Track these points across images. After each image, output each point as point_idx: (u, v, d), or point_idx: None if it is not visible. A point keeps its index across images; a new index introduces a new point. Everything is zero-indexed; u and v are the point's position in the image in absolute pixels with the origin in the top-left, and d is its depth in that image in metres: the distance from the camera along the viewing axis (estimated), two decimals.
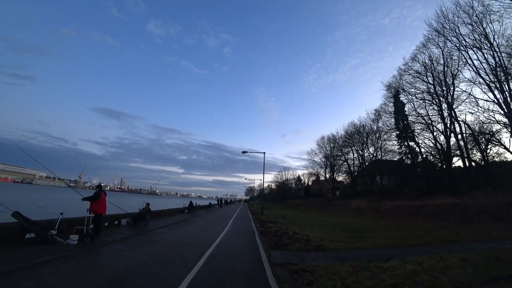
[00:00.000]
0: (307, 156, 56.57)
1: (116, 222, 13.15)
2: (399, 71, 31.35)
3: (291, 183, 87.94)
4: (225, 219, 20.28)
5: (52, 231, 8.11)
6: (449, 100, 26.13)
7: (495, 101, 22.81)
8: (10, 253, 6.19)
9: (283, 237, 10.30)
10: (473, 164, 26.99)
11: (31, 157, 9.96)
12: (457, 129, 26.41)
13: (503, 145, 24.37)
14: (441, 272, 5.15)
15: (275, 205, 65.31)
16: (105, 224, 11.82)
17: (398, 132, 32.75)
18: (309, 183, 78.47)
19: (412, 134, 31.05)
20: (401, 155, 33.17)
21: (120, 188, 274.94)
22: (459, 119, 26.30)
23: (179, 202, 30.95)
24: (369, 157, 40.71)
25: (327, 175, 54.47)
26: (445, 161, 27.94)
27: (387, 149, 37.09)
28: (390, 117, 34.07)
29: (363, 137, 40.23)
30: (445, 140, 27.49)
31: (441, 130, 27.92)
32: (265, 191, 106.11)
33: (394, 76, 32.81)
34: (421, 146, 31.03)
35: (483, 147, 25.81)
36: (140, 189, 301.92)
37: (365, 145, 40.55)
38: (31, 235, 7.75)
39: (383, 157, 38.11)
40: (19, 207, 10.55)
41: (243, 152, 34.32)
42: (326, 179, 57.15)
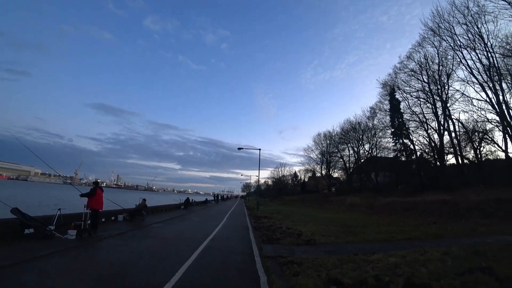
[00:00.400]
0: (304, 153, 56.88)
1: (113, 218, 13.37)
2: (395, 69, 31.70)
3: (287, 179, 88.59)
4: (220, 215, 20.58)
5: (51, 227, 8.32)
6: (443, 98, 26.51)
7: (487, 100, 23.22)
8: (10, 247, 6.40)
9: (276, 232, 10.62)
10: (466, 161, 27.47)
11: (31, 151, 10.10)
12: (451, 127, 26.85)
13: (496, 143, 24.83)
14: (422, 264, 5.46)
15: (272, 201, 65.80)
16: (102, 219, 12.03)
17: (393, 130, 33.15)
18: (306, 179, 79.14)
19: (407, 131, 31.49)
20: (396, 152, 33.60)
21: (116, 185, 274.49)
22: (453, 117, 26.73)
23: (176, 198, 31.16)
24: (364, 154, 41.20)
25: (323, 172, 54.98)
26: (438, 159, 28.40)
27: (382, 146, 37.56)
28: (385, 114, 34.47)
29: (359, 134, 40.65)
30: (438, 138, 27.92)
31: (435, 128, 28.35)
32: (262, 187, 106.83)
33: (389, 74, 33.15)
34: (415, 144, 31.53)
35: (476, 145, 26.24)
36: (137, 186, 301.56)
37: (360, 142, 40.98)
38: (30, 230, 7.94)
39: (379, 154, 38.58)
40: (17, 203, 10.70)
41: (239, 148, 34.55)
42: (322, 175, 57.65)
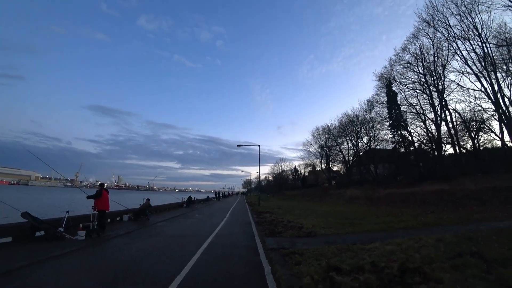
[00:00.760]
0: (303, 147, 57.16)
1: (118, 218, 13.70)
2: (390, 61, 31.88)
3: (287, 174, 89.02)
4: (223, 212, 20.94)
5: (60, 229, 8.65)
6: (439, 89, 26.77)
7: (483, 90, 23.50)
8: (25, 249, 6.72)
9: (277, 226, 10.96)
10: (463, 151, 27.85)
11: (40, 159, 10.38)
12: (448, 117, 27.14)
13: (493, 132, 25.16)
14: (416, 251, 5.79)
15: (274, 196, 66.26)
16: (108, 220, 12.35)
17: (391, 122, 33.44)
18: (306, 173, 79.53)
19: (405, 123, 31.80)
20: (394, 144, 33.94)
21: (117, 186, 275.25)
22: (449, 107, 27.03)
23: (178, 197, 31.52)
24: (363, 146, 41.53)
25: (323, 166, 55.33)
26: (436, 149, 28.76)
27: (381, 139, 37.86)
28: (383, 107, 34.72)
29: (357, 127, 40.94)
30: (435, 128, 28.23)
31: (432, 119, 28.65)
32: (263, 183, 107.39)
33: (385, 66, 33.34)
34: (413, 135, 31.85)
35: (474, 134, 26.58)
36: (138, 186, 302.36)
37: (359, 135, 41.30)
38: (40, 233, 8.27)
39: (377, 147, 38.89)
40: (24, 208, 11.01)
41: (238, 145, 34.85)
42: (322, 169, 58.03)
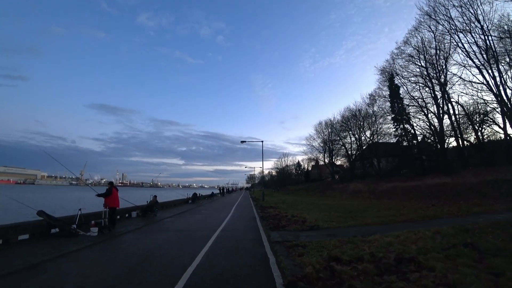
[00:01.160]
0: (306, 142, 57.21)
1: (127, 215, 14.14)
2: (392, 55, 31.88)
3: (291, 169, 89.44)
4: (228, 207, 21.36)
5: (74, 226, 9.07)
6: (442, 82, 26.76)
7: (485, 83, 23.48)
8: (43, 245, 7.12)
9: (281, 220, 11.33)
10: (466, 144, 27.90)
11: (57, 160, 10.77)
12: (451, 110, 27.18)
13: (497, 124, 25.13)
14: (413, 242, 6.10)
15: (278, 191, 66.68)
16: (118, 217, 12.78)
17: (393, 115, 33.50)
18: (309, 168, 79.83)
19: (407, 116, 31.85)
20: (397, 138, 34.03)
21: (122, 183, 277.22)
22: (452, 100, 27.05)
23: (183, 193, 32.01)
24: (366, 140, 41.65)
25: (326, 160, 55.53)
26: (439, 142, 28.84)
27: (383, 132, 37.95)
28: (385, 100, 34.74)
29: (360, 121, 41.02)
30: (438, 121, 28.29)
31: (434, 112, 28.68)
32: (266, 178, 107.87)
33: (387, 60, 33.33)
34: (415, 129, 31.94)
35: (477, 127, 26.58)
36: (142, 183, 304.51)
37: (361, 129, 41.39)
38: (55, 230, 8.70)
39: (380, 140, 38.99)
40: (38, 206, 11.45)
41: (242, 141, 35.33)
42: (325, 163, 58.24)
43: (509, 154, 22.66)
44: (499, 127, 24.73)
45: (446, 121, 28.04)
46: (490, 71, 23.08)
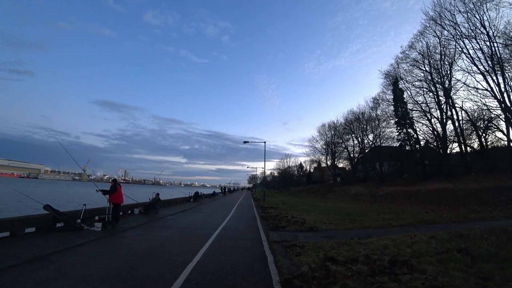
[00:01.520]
0: (309, 143, 57.43)
1: (129, 212, 14.40)
2: (397, 59, 31.94)
3: (293, 170, 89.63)
4: (229, 206, 21.57)
5: (78, 220, 9.33)
6: (446, 87, 26.75)
7: (489, 89, 23.45)
8: (49, 238, 7.36)
9: (281, 221, 11.50)
10: (469, 150, 27.83)
11: (70, 155, 11.00)
12: (454, 116, 27.14)
13: (501, 131, 25.02)
14: (408, 246, 6.24)
15: (281, 191, 66.75)
16: (120, 213, 13.04)
17: (397, 119, 33.52)
18: (311, 170, 79.95)
19: (411, 121, 31.86)
20: (400, 142, 34.04)
21: (124, 180, 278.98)
22: (456, 106, 27.01)
23: (185, 192, 32.30)
24: (368, 144, 41.69)
25: (328, 162, 55.57)
26: (441, 147, 28.82)
27: (386, 136, 37.98)
28: (389, 104, 34.83)
29: (363, 124, 41.07)
30: (441, 126, 28.26)
31: (437, 117, 28.67)
32: (268, 179, 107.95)
33: (391, 64, 33.42)
34: (418, 133, 31.93)
35: (481, 133, 26.50)
36: (144, 180, 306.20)
37: (364, 132, 41.43)
38: (60, 224, 8.96)
39: (383, 144, 39.02)
40: (43, 201, 11.74)
41: (245, 142, 35.48)
42: (327, 166, 58.28)
43: (511, 161, 22.60)
44: (503, 133, 24.66)
45: (450, 126, 28.07)
46: (494, 77, 23.04)
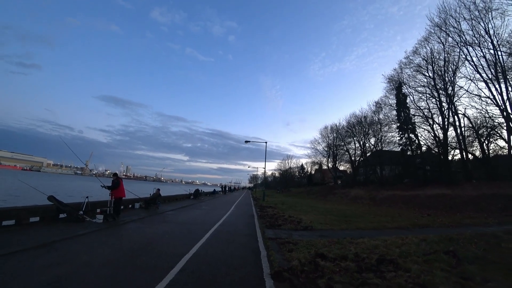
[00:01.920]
0: (311, 145, 57.33)
1: (130, 206, 14.70)
2: (400, 64, 32.02)
3: (294, 171, 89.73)
4: (228, 204, 21.82)
5: (81, 212, 9.63)
6: (449, 93, 26.80)
7: (491, 97, 23.51)
8: (52, 228, 7.65)
9: (278, 220, 11.74)
10: (471, 157, 27.84)
11: (73, 151, 11.32)
12: (457, 122, 27.16)
13: (504, 139, 25.01)
14: (398, 246, 6.45)
15: (283, 192, 66.83)
16: (121, 207, 13.34)
17: (399, 124, 33.58)
18: (312, 171, 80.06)
19: (413, 126, 31.92)
20: (401, 146, 34.10)
21: (125, 175, 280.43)
22: (459, 112, 27.04)
23: (185, 189, 32.62)
24: (370, 147, 41.75)
25: (330, 164, 55.64)
26: (442, 154, 28.86)
27: (388, 140, 38.03)
28: (391, 109, 34.87)
29: (365, 128, 41.14)
30: (443, 132, 28.30)
31: (439, 123, 28.72)
32: (269, 179, 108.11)
33: (395, 69, 33.48)
34: (420, 139, 31.98)
35: (483, 140, 26.50)
36: (146, 176, 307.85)
37: (366, 136, 41.50)
38: (63, 215, 9.27)
39: (384, 148, 39.07)
40: (47, 192, 12.04)
41: (246, 141, 35.63)
42: (328, 168, 58.37)
43: (511, 169, 22.64)
44: (505, 141, 24.66)
45: (451, 133, 28.08)
46: (497, 85, 23.09)
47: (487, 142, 26.64)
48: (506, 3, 22.33)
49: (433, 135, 29.94)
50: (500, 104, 23.00)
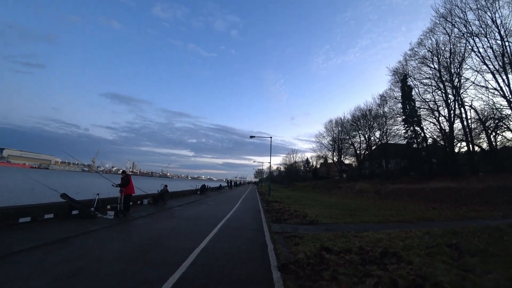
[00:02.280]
0: (315, 139, 57.29)
1: (138, 202, 15.05)
2: (405, 56, 31.60)
3: (299, 165, 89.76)
4: (234, 199, 22.11)
5: (92, 208, 9.94)
6: (455, 85, 26.49)
7: (498, 89, 23.18)
8: (66, 224, 7.95)
9: (284, 214, 11.95)
10: (477, 149, 27.60)
11: (72, 156, 11.58)
12: (463, 114, 26.88)
13: (511, 131, 24.72)
14: (402, 240, 6.59)
15: (289, 187, 67.00)
16: (131, 203, 13.67)
17: (404, 117, 33.34)
18: (317, 165, 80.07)
19: (418, 118, 31.67)
20: (407, 139, 33.90)
21: (132, 172, 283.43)
22: (465, 104, 26.74)
23: (191, 185, 33.02)
24: (375, 141, 41.59)
25: (335, 158, 55.59)
26: (448, 146, 28.66)
27: (393, 133, 37.77)
28: (396, 102, 34.57)
29: (370, 121, 40.93)
30: (448, 125, 28.05)
31: (445, 115, 28.45)
32: (274, 174, 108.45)
33: (399, 61, 33.10)
34: (425, 131, 31.74)
35: (491, 132, 26.23)
36: (152, 172, 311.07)
37: (371, 129, 41.31)
38: (76, 211, 9.59)
39: (389, 141, 38.87)
40: (58, 189, 12.39)
41: (251, 137, 35.68)
42: (333, 162, 58.35)
43: None
44: None
45: (457, 125, 27.81)
46: (504, 77, 22.76)
47: (494, 134, 26.34)
48: None
49: (439, 127, 29.70)
50: (507, 95, 22.70)
